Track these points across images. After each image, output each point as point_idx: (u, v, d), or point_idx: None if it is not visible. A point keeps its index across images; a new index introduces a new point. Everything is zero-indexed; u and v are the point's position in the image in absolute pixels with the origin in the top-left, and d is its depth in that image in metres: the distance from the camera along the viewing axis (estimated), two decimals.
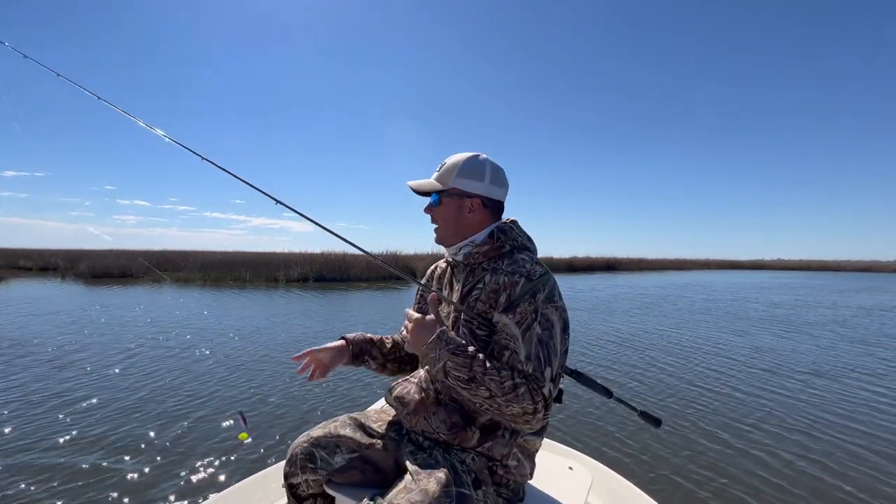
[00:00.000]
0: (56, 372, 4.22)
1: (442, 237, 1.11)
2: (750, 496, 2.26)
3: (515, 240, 1.07)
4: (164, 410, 3.28)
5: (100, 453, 2.58)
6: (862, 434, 3.09)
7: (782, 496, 2.28)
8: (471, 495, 0.90)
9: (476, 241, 1.06)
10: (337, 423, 1.13)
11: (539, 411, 0.88)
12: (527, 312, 0.93)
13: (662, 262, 47.56)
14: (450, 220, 1.08)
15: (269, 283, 15.77)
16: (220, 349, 5.32)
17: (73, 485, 2.24)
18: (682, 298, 13.21)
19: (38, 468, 2.39)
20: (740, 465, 2.58)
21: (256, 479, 1.41)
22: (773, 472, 2.52)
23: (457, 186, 1.06)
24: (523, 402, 0.86)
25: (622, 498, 1.38)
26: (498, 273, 1.00)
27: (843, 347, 6.11)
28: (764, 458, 2.69)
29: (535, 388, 0.88)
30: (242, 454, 2.61)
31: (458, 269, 1.12)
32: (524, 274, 0.97)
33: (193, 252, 21.52)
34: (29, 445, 2.66)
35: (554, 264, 30.57)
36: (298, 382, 3.96)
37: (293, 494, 1.10)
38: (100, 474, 2.35)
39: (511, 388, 0.87)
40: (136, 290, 12.77)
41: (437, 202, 1.08)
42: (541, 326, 0.92)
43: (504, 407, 0.88)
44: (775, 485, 2.39)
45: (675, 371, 4.69)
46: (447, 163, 1.09)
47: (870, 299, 14.02)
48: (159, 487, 2.23)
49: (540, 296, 0.94)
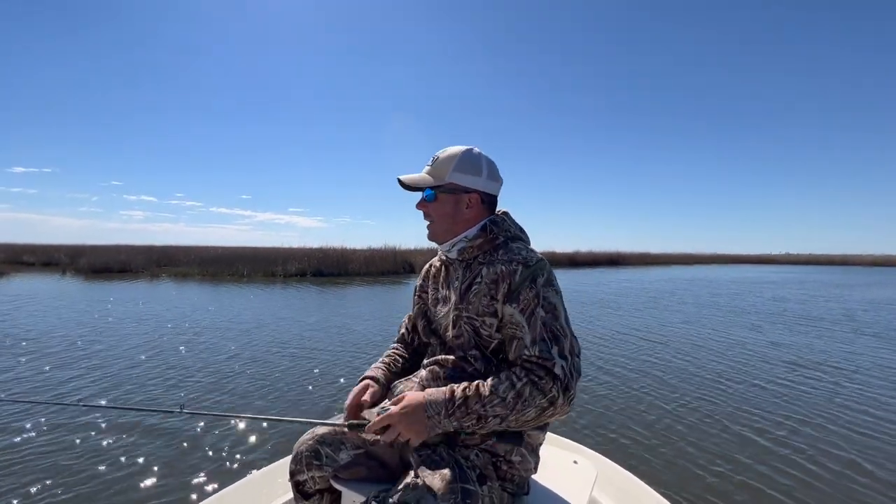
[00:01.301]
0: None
1: (436, 234, 1.08)
2: (761, 491, 2.25)
3: (508, 230, 1.06)
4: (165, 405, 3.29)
5: (106, 443, 2.59)
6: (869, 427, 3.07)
7: (787, 486, 2.29)
8: (476, 491, 0.89)
9: (469, 237, 1.04)
10: (339, 419, 1.13)
11: (558, 396, 0.86)
12: (529, 299, 0.92)
13: (668, 257, 47.35)
14: (446, 216, 1.05)
15: (267, 278, 15.84)
16: (222, 345, 5.33)
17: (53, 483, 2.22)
18: (687, 293, 13.20)
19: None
20: (749, 461, 2.56)
21: (263, 474, 1.42)
22: (780, 466, 2.51)
23: (453, 181, 1.03)
24: (536, 401, 0.85)
25: (627, 492, 1.38)
26: (495, 264, 0.99)
27: (861, 342, 6.09)
28: (769, 452, 2.69)
29: (543, 375, 0.86)
30: (248, 450, 2.61)
31: (453, 266, 1.10)
32: (521, 261, 0.96)
33: (196, 247, 21.64)
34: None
35: (556, 259, 30.49)
36: (302, 380, 3.96)
37: (299, 491, 1.11)
38: (101, 468, 2.35)
39: (514, 398, 0.86)
40: (136, 286, 12.80)
41: (432, 197, 1.04)
42: (544, 310, 0.91)
43: (521, 418, 0.87)
44: (783, 477, 2.38)
45: (680, 366, 4.69)
46: (441, 156, 1.05)
47: (868, 294, 13.95)
48: (162, 484, 2.22)
49: (540, 280, 0.94)
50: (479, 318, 0.98)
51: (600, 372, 4.34)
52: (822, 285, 17.53)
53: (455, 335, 1.03)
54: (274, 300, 9.95)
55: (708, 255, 56.52)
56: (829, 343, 6.00)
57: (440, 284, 1.14)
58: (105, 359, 4.57)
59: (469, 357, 1.00)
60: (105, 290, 11.58)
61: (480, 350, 1.00)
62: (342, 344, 5.48)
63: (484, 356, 0.99)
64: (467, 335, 1.00)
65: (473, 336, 1.00)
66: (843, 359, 5.09)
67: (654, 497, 1.34)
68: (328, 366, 4.45)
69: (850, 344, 5.95)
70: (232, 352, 4.97)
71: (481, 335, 0.99)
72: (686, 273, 26.25)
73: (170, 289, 12.02)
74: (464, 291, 1.02)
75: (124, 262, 17.65)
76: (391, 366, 1.19)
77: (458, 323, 1.02)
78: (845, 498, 2.22)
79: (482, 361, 0.99)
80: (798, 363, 4.86)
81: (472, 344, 1.00)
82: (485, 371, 0.98)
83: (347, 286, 13.58)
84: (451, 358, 1.02)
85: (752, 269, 36.46)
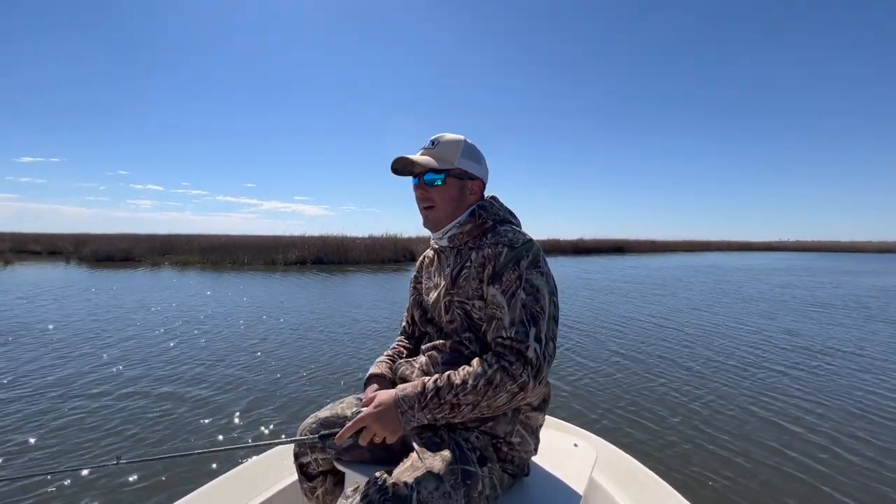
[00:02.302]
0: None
1: (438, 219, 1.06)
2: (760, 476, 2.25)
3: (497, 214, 1.07)
4: (172, 392, 3.30)
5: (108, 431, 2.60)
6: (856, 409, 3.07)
7: (788, 469, 2.29)
8: (476, 472, 0.90)
9: (460, 222, 1.05)
10: (343, 404, 1.14)
11: (528, 381, 0.86)
12: (511, 280, 0.93)
13: (673, 244, 46.78)
14: (451, 200, 1.05)
15: (268, 266, 15.85)
16: (221, 333, 5.36)
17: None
18: (694, 280, 13.14)
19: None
20: (750, 446, 2.57)
21: (268, 456, 1.43)
22: (777, 448, 2.52)
23: (461, 167, 1.04)
24: (507, 387, 0.86)
25: (627, 474, 1.39)
26: (482, 248, 1.00)
27: (871, 328, 6.07)
28: (773, 434, 2.69)
29: (514, 360, 0.87)
30: (252, 433, 2.63)
31: (444, 253, 1.11)
32: (506, 244, 0.97)
33: (197, 236, 21.71)
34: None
35: (560, 246, 30.37)
36: (305, 365, 3.99)
37: (303, 473, 1.13)
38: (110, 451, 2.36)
39: (485, 385, 0.86)
40: (136, 274, 12.86)
41: (441, 181, 1.03)
42: (525, 292, 0.92)
43: (493, 404, 0.88)
44: (786, 460, 2.39)
45: (686, 351, 4.69)
46: (443, 140, 1.05)
47: (879, 281, 13.84)
48: (166, 467, 2.21)
49: (524, 262, 0.94)
50: (470, 302, 1.00)
51: (606, 356, 4.32)
52: (830, 272, 17.35)
53: (449, 320, 1.05)
54: (272, 287, 9.97)
55: (714, 242, 55.97)
56: (841, 330, 5.95)
57: (433, 273, 1.15)
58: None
59: (464, 340, 1.01)
60: (108, 278, 11.63)
61: (474, 332, 1.00)
62: (333, 333, 5.47)
63: (478, 339, 1.00)
64: (460, 319, 1.02)
65: (465, 319, 1.01)
66: (857, 346, 5.06)
67: (653, 479, 1.34)
68: (327, 353, 4.47)
69: (863, 331, 5.91)
70: (226, 341, 4.98)
71: (473, 318, 1.00)
72: (692, 260, 26.06)
73: (171, 277, 12.07)
74: (455, 276, 1.03)
75: (126, 250, 17.79)
76: (395, 358, 1.20)
77: (451, 308, 1.03)
78: (862, 483, 2.19)
79: (477, 343, 0.99)
80: (805, 348, 4.84)
81: (465, 327, 1.01)
82: (481, 353, 0.97)
83: (347, 274, 13.59)
84: (447, 342, 1.03)
85: (760, 256, 36.09)
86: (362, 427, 0.90)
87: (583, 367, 3.95)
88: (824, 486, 2.17)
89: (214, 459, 2.26)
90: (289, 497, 1.27)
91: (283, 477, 1.32)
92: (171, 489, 2.01)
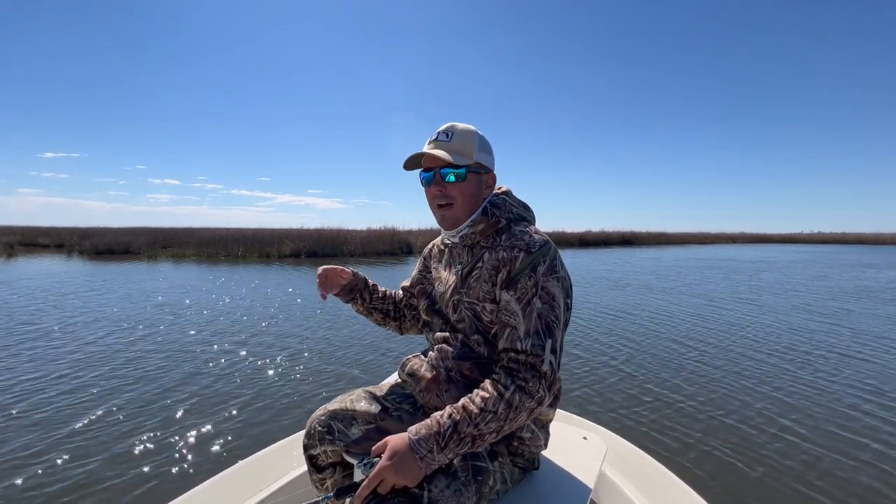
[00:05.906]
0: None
1: (457, 217, 1.00)
2: (770, 472, 2.14)
3: (511, 212, 1.02)
4: (180, 383, 3.22)
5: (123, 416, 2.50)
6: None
7: (802, 466, 2.20)
8: (487, 468, 0.92)
9: (473, 221, 1.00)
10: (353, 396, 1.14)
11: (545, 395, 0.85)
12: (527, 288, 0.90)
13: (684, 236, 44.31)
14: (471, 196, 1.00)
15: (262, 259, 16.00)
16: (223, 327, 5.24)
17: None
18: (713, 272, 12.92)
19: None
20: (758, 441, 2.45)
21: (278, 447, 1.42)
22: (790, 443, 2.41)
23: (479, 161, 0.99)
24: (526, 405, 0.84)
25: (637, 467, 1.39)
26: (497, 249, 0.97)
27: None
28: (785, 429, 2.58)
29: (529, 378, 0.84)
30: (262, 425, 2.58)
31: (455, 249, 1.08)
32: (523, 248, 0.93)
33: (195, 229, 22.56)
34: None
35: (566, 239, 29.78)
36: (315, 359, 3.89)
37: (313, 464, 1.13)
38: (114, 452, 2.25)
39: (506, 409, 0.83)
40: (134, 266, 12.85)
41: (462, 177, 0.97)
42: (541, 300, 0.89)
43: (514, 424, 0.85)
44: (796, 453, 2.30)
45: (695, 345, 4.52)
46: (457, 131, 0.98)
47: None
48: (173, 457, 2.20)
49: (540, 269, 0.91)
50: (480, 304, 0.96)
51: (617, 348, 4.22)
52: (856, 266, 16.69)
53: (457, 319, 1.02)
54: (269, 279, 9.84)
55: (728, 234, 53.76)
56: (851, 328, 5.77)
57: (442, 265, 1.12)
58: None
59: (472, 342, 0.98)
60: (103, 270, 11.67)
61: (482, 335, 0.97)
62: (334, 324, 5.34)
63: (487, 341, 0.97)
64: (468, 319, 0.99)
65: (475, 321, 0.98)
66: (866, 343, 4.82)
67: (663, 472, 1.34)
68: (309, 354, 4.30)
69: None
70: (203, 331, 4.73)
71: (482, 320, 0.97)
72: (706, 252, 25.23)
73: (167, 270, 12.13)
74: (465, 275, 1.01)
75: (126, 243, 18.33)
76: (378, 285, 1.25)
77: (459, 307, 1.01)
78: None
79: (486, 346, 0.97)
80: (801, 344, 4.64)
81: (473, 329, 0.98)
82: (489, 354, 0.96)
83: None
84: (458, 336, 1.01)
85: (777, 248, 34.46)
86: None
87: (592, 360, 3.81)
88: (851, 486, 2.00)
89: (224, 450, 2.29)
90: (298, 488, 1.27)
91: (293, 468, 1.32)
92: (180, 481, 2.03)
